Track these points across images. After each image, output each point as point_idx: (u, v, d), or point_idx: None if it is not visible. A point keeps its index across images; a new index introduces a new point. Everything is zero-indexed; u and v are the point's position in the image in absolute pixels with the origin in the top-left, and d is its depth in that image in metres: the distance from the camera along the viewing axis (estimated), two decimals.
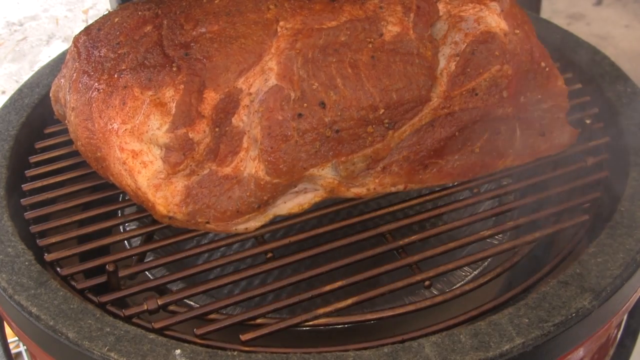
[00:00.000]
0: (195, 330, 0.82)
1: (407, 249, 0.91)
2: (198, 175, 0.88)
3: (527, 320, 0.79)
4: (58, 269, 0.90)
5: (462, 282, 1.00)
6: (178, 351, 0.77)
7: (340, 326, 0.86)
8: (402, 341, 0.80)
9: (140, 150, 0.86)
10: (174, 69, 0.88)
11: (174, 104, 0.86)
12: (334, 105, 0.89)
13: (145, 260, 0.94)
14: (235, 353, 0.77)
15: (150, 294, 0.86)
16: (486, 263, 1.02)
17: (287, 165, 0.88)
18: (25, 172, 1.04)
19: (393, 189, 0.96)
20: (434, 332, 0.81)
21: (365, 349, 0.78)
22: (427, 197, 0.98)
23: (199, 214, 0.88)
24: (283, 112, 0.88)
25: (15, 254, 0.89)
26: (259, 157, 0.88)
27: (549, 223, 0.96)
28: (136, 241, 1.06)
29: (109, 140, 0.87)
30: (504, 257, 0.93)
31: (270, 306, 0.84)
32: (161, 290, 0.91)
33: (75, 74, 0.92)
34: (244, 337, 0.81)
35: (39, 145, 1.09)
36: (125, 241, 1.03)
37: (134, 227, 1.05)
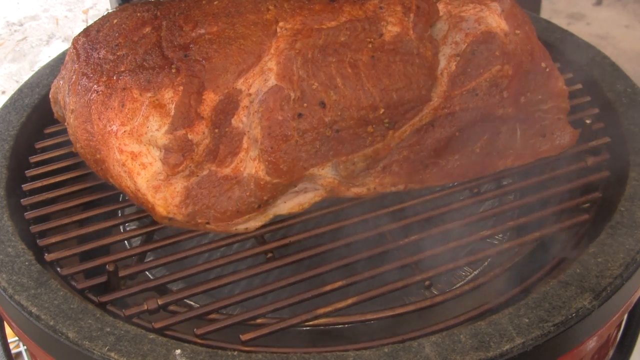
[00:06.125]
0: (195, 330, 0.82)
1: (407, 249, 0.91)
2: (197, 176, 0.88)
3: (527, 320, 0.79)
4: (58, 269, 0.90)
5: (462, 282, 1.00)
6: (178, 351, 0.77)
7: (340, 326, 0.86)
8: (402, 341, 0.80)
9: (139, 152, 0.86)
10: (173, 70, 0.88)
11: (173, 106, 0.86)
12: (334, 105, 0.89)
13: (145, 260, 0.94)
14: (236, 353, 0.77)
15: (150, 294, 0.87)
16: (486, 263, 1.02)
17: (288, 165, 0.88)
18: (26, 172, 1.04)
19: (393, 189, 0.96)
20: (434, 332, 0.81)
21: (365, 349, 0.78)
22: (427, 197, 0.98)
23: (198, 215, 0.88)
24: (283, 112, 0.88)
25: (16, 254, 0.89)
26: (259, 157, 0.88)
27: (549, 223, 0.96)
28: (136, 241, 1.06)
29: (108, 142, 0.87)
30: (504, 257, 0.93)
31: (270, 306, 0.84)
32: (161, 290, 0.91)
33: (74, 76, 0.92)
34: (244, 337, 0.81)
35: (39, 145, 1.09)
36: (125, 241, 1.03)
37: (134, 227, 1.05)
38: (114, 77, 0.89)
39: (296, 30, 0.92)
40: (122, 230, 1.04)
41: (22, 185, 1.01)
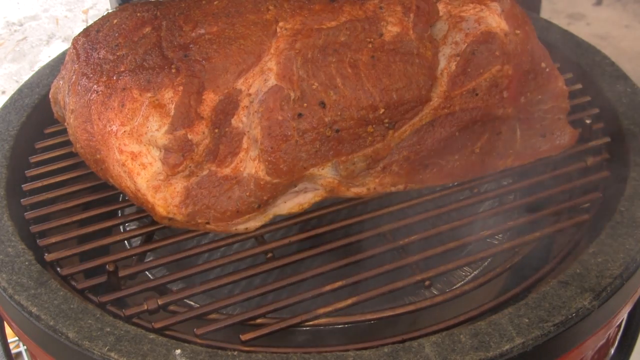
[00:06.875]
0: (195, 330, 0.82)
1: (407, 249, 0.91)
2: (197, 176, 0.88)
3: (527, 320, 0.79)
4: (58, 268, 0.90)
5: (462, 282, 1.00)
6: (178, 351, 0.77)
7: (340, 326, 0.86)
8: (402, 341, 0.80)
9: (139, 152, 0.86)
10: (173, 70, 0.88)
11: (173, 106, 0.86)
12: (334, 105, 0.89)
13: (145, 260, 0.94)
14: (236, 353, 0.77)
15: (150, 294, 0.87)
16: (486, 263, 1.02)
17: (288, 165, 0.88)
18: (26, 172, 1.04)
19: (393, 189, 0.96)
20: (434, 332, 0.81)
21: (365, 349, 0.78)
22: (427, 197, 0.98)
23: (198, 215, 0.88)
24: (283, 112, 0.88)
25: (16, 254, 0.90)
26: (259, 157, 0.88)
27: (549, 223, 0.96)
28: (136, 241, 1.06)
29: (108, 142, 0.87)
30: (504, 257, 0.93)
31: (270, 306, 0.84)
32: (161, 290, 0.91)
33: (74, 76, 0.92)
34: (244, 337, 0.81)
35: (39, 145, 1.09)
36: (125, 241, 1.03)
37: (134, 227, 1.05)
38: (114, 77, 0.89)
39: (296, 30, 0.92)
40: (122, 230, 1.04)
41: (22, 185, 1.01)
